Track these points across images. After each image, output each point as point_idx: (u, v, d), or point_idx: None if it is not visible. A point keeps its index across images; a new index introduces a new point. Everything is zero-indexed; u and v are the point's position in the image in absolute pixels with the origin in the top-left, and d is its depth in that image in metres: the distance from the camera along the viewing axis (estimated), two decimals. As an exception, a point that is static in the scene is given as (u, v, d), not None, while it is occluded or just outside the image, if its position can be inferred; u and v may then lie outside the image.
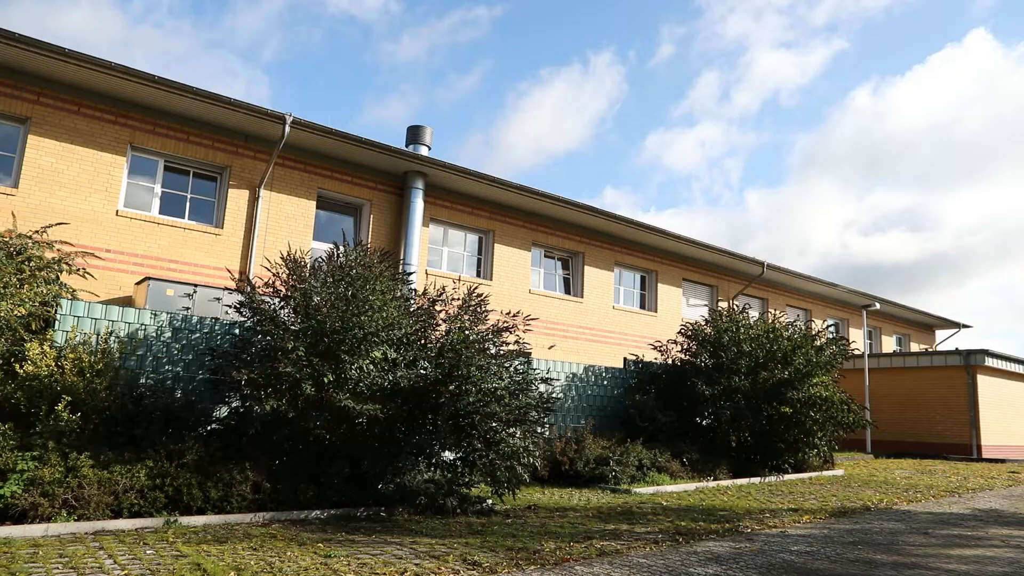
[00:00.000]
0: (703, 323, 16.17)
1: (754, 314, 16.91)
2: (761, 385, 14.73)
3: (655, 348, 16.28)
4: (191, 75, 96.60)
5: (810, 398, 14.71)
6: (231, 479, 8.06)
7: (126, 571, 5.65)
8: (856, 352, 22.53)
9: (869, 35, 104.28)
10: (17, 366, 7.99)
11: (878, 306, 28.75)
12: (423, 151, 19.65)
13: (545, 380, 10.34)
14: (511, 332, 10.17)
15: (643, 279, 24.01)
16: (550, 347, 17.32)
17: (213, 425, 9.37)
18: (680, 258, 24.39)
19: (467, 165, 18.41)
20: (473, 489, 9.91)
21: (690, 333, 15.92)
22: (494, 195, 18.98)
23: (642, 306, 23.76)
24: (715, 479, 13.62)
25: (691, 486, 12.79)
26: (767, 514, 10.10)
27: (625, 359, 16.29)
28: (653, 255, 23.65)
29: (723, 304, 24.88)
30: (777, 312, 22.69)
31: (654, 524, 8.99)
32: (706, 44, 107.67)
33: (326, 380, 8.50)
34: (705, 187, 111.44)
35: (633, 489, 11.94)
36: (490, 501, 9.66)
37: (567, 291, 21.68)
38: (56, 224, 10.79)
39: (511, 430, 9.40)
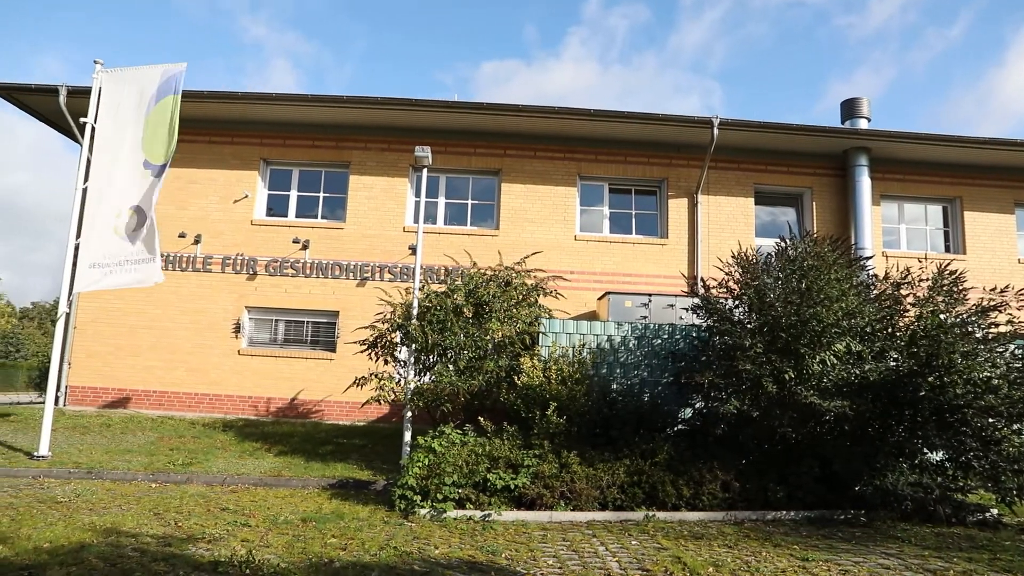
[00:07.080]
0: None
1: None
2: None
3: None
4: (644, 102, 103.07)
5: None
6: (701, 478, 8.35)
7: (617, 558, 6.24)
8: None
9: None
10: (515, 378, 9.59)
11: None
12: (861, 124, 17.97)
13: (1056, 365, 8.55)
14: (1000, 311, 8.68)
15: None
16: (1059, 326, 14.25)
17: (679, 426, 9.84)
18: None
19: (947, 131, 16.31)
20: (970, 496, 8.64)
21: None
22: (957, 156, 16.43)
23: None
24: None
25: None
26: None
27: None
28: None
29: None
30: None
31: None
32: None
33: (787, 377, 8.29)
34: None
35: None
36: (995, 511, 8.30)
37: (1076, 255, 17.64)
38: (531, 254, 12.60)
39: (1015, 427, 8.00)
